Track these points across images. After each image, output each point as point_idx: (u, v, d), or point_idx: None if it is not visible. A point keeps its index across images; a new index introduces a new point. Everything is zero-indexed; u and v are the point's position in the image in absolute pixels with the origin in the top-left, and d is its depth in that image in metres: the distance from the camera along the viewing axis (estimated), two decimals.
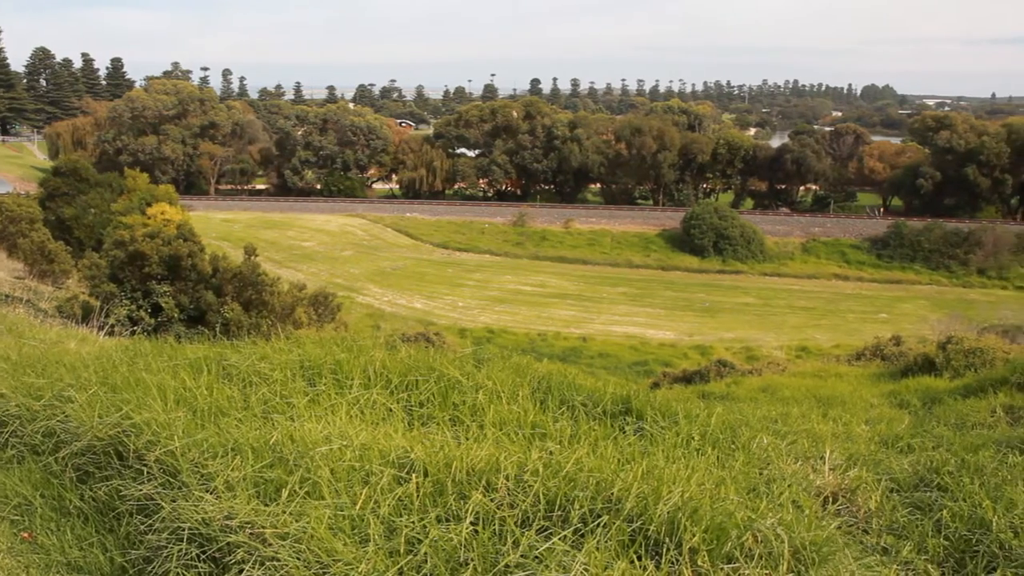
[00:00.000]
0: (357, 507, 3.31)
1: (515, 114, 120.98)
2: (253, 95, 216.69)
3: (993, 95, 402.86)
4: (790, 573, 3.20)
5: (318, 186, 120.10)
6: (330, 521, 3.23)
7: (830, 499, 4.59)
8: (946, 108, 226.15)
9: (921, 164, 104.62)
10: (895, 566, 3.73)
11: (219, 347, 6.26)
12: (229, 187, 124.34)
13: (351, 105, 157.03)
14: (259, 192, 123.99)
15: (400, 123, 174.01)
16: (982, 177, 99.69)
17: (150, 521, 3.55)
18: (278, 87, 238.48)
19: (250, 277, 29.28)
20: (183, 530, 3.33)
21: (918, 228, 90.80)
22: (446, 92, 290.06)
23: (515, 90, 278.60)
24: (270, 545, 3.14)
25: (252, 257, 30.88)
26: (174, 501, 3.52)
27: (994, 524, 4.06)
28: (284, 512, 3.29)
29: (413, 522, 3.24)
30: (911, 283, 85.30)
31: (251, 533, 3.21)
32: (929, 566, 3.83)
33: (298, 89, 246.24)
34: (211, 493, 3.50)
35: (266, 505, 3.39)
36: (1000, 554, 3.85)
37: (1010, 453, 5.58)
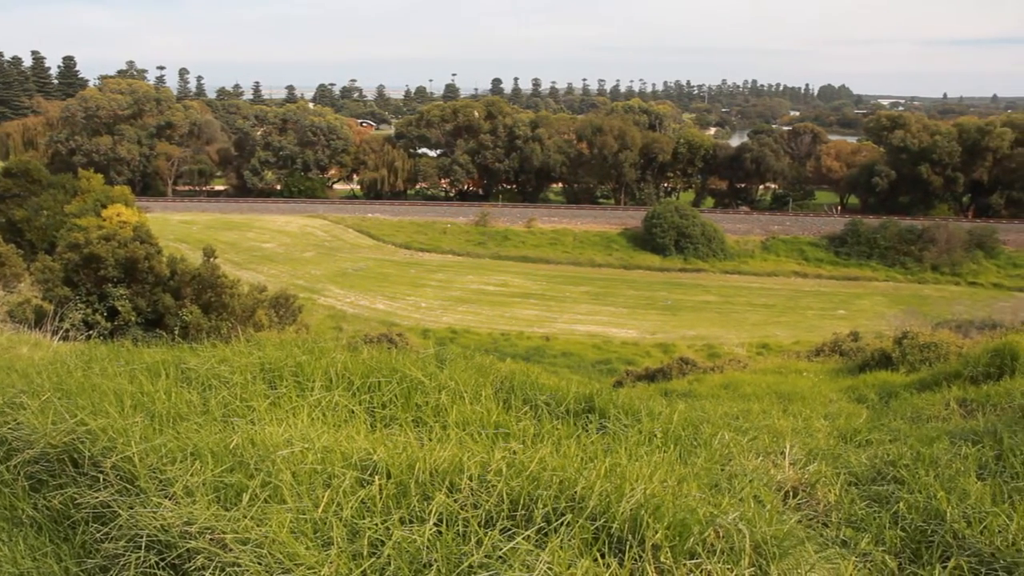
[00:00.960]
0: (319, 510, 3.28)
1: (477, 114, 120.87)
2: (211, 95, 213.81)
3: (944, 95, 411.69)
4: (752, 567, 3.23)
5: (278, 187, 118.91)
6: (292, 525, 3.20)
7: (791, 493, 4.65)
8: (900, 108, 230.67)
9: (876, 163, 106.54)
10: (854, 558, 3.78)
11: (178, 350, 6.19)
12: (187, 188, 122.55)
13: (311, 105, 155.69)
14: (218, 193, 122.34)
15: (361, 123, 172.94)
16: (935, 175, 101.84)
17: (107, 529, 3.48)
18: (236, 87, 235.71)
19: (209, 279, 28.86)
20: (141, 537, 3.28)
21: (874, 226, 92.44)
22: (407, 92, 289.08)
23: (476, 90, 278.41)
24: (231, 550, 3.10)
25: (211, 259, 30.46)
26: (131, 508, 3.46)
27: (948, 515, 4.15)
28: (245, 517, 3.25)
29: (376, 524, 3.22)
30: (868, 280, 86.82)
31: (211, 539, 3.17)
32: (887, 557, 3.89)
33: (257, 89, 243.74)
34: (170, 499, 3.45)
35: (226, 510, 3.34)
36: (954, 544, 3.93)
37: (963, 445, 5.69)
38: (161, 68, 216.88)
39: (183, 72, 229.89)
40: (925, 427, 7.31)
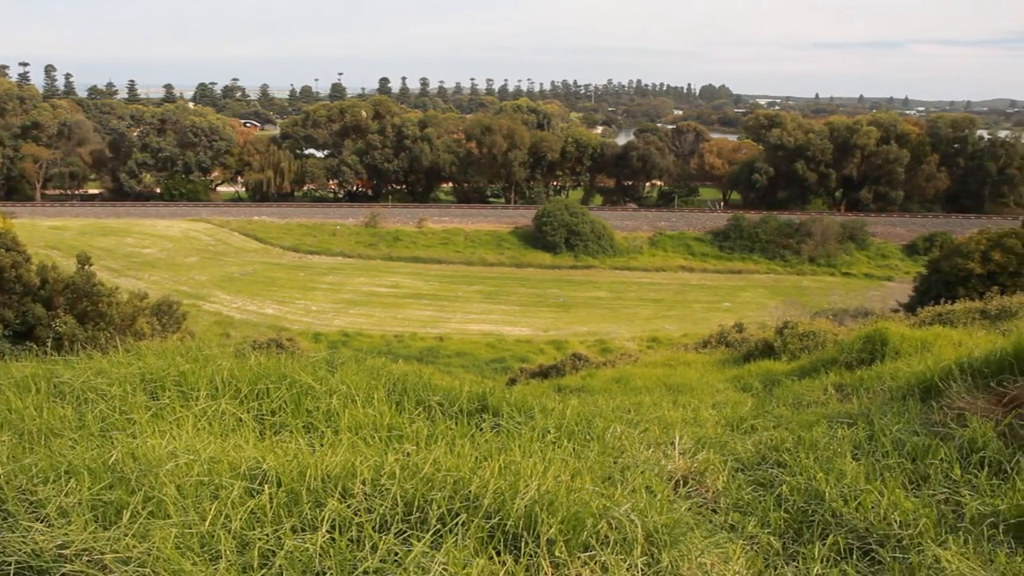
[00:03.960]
0: (206, 524, 3.17)
1: (364, 114, 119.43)
2: (81, 93, 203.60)
3: (816, 95, 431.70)
4: (644, 556, 3.30)
5: (158, 190, 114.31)
6: (177, 540, 3.08)
7: (681, 482, 4.77)
8: (776, 107, 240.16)
9: (756, 160, 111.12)
10: (741, 541, 3.91)
11: (50, 363, 5.88)
12: (57, 192, 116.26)
13: (191, 105, 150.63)
14: (92, 197, 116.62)
15: (245, 123, 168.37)
16: (810, 172, 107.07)
17: None
18: (109, 85, 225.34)
19: (84, 287, 27.52)
20: (9, 564, 3.08)
21: (755, 220, 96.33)
22: (292, 92, 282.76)
23: (364, 89, 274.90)
24: (111, 571, 2.96)
25: (86, 266, 29.04)
26: None
27: (827, 494, 4.35)
28: (126, 535, 3.11)
29: (267, 534, 3.13)
30: (751, 272, 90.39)
31: (89, 560, 3.01)
32: (771, 539, 4.04)
33: (132, 88, 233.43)
34: (42, 521, 3.26)
35: (105, 529, 3.19)
36: (832, 521, 4.13)
37: (839, 428, 5.97)
38: (24, 64, 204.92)
39: (49, 69, 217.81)
40: (805, 412, 7.63)
